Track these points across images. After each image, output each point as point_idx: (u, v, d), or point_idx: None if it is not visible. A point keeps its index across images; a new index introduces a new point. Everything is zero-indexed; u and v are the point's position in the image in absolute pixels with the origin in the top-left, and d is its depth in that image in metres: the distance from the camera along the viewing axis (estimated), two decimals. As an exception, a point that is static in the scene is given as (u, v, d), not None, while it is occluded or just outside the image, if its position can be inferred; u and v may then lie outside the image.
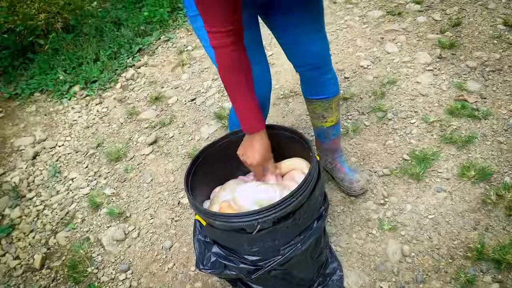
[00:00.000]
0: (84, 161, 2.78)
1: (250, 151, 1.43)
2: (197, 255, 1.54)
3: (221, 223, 1.33)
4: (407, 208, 1.88)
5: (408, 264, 1.68)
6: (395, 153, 2.15)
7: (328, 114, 1.86)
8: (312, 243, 1.48)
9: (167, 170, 2.49)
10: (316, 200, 1.44)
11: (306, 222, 1.42)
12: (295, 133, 1.56)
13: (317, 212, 1.46)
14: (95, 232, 2.26)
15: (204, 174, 1.61)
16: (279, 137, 1.61)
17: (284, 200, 1.29)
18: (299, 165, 1.55)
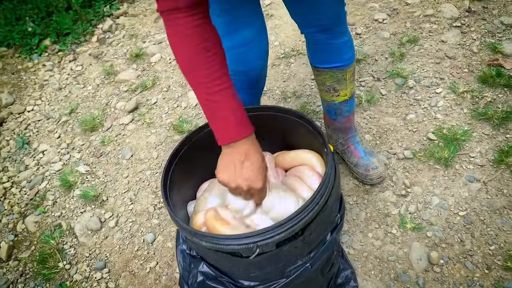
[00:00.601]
0: (56, 130, 2.43)
1: (245, 172, 0.97)
2: (180, 271, 1.25)
3: (209, 244, 1.03)
4: (433, 202, 1.58)
5: (436, 274, 1.40)
6: (418, 130, 1.82)
7: (341, 86, 1.51)
8: (324, 259, 1.19)
9: (149, 144, 2.15)
10: (331, 209, 1.12)
11: (318, 237, 1.12)
12: (304, 119, 1.22)
13: (331, 223, 1.16)
14: (67, 218, 1.95)
15: (189, 165, 1.29)
16: (282, 122, 1.27)
17: (291, 218, 0.98)
18: (307, 159, 1.22)
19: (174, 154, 1.23)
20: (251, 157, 0.96)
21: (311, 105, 2.05)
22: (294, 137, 1.31)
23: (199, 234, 1.03)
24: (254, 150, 0.98)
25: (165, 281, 1.60)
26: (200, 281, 1.19)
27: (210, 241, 1.02)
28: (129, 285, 1.63)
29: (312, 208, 1.01)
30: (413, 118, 1.87)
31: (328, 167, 1.07)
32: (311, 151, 1.23)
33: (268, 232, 0.98)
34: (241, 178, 0.96)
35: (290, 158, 1.24)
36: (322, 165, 1.20)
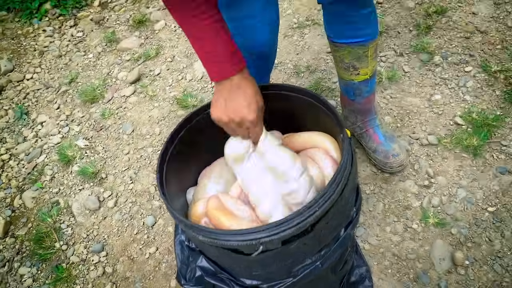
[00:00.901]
0: (55, 100, 2.30)
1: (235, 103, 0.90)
2: (178, 264, 1.13)
3: (206, 239, 0.91)
4: (459, 195, 1.44)
5: (460, 277, 1.28)
6: (443, 113, 1.66)
7: (362, 64, 1.35)
8: (336, 257, 1.07)
9: (151, 118, 2.02)
10: (347, 201, 0.99)
11: (330, 233, 1.00)
12: (319, 100, 1.07)
13: (346, 218, 1.03)
14: (65, 195, 1.85)
15: (189, 148, 1.16)
16: (294, 103, 1.12)
17: (300, 213, 0.85)
18: (320, 142, 1.08)
19: (173, 136, 1.10)
20: (241, 89, 0.89)
21: (326, 81, 1.89)
22: (306, 120, 1.17)
23: (196, 228, 0.91)
24: (246, 83, 0.90)
25: (164, 269, 1.50)
26: (198, 276, 1.08)
27: (208, 236, 0.90)
28: (127, 271, 1.54)
29: (325, 201, 0.88)
30: (438, 99, 1.70)
31: (344, 154, 0.93)
32: (325, 134, 1.09)
33: (273, 228, 0.86)
34: (231, 110, 0.90)
35: (301, 140, 1.11)
36: (337, 150, 1.06)
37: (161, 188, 0.99)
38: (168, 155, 1.09)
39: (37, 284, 1.59)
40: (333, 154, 1.04)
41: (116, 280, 1.52)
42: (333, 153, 1.04)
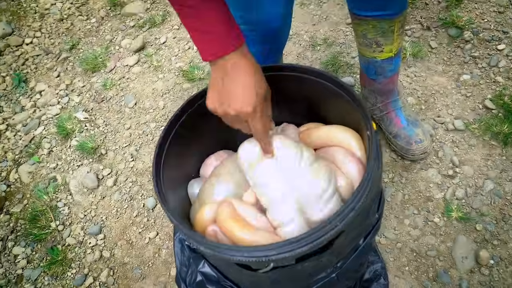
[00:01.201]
0: (55, 68, 2.18)
1: (229, 92, 0.74)
2: (177, 266, 1.03)
3: (209, 251, 0.80)
4: (487, 187, 1.31)
5: (483, 277, 1.17)
6: (472, 95, 1.51)
7: (386, 40, 1.21)
8: (354, 268, 0.96)
9: (155, 91, 1.89)
10: (369, 209, 0.87)
11: (349, 245, 0.89)
12: (342, 87, 0.93)
13: (367, 226, 0.91)
14: (63, 171, 1.76)
15: (192, 133, 1.04)
16: (311, 88, 0.99)
17: (318, 230, 0.74)
18: (344, 140, 0.95)
19: (173, 122, 0.98)
20: (237, 72, 0.72)
21: (344, 56, 1.74)
22: (325, 108, 1.04)
23: (198, 238, 0.80)
24: (244, 65, 0.73)
25: (165, 256, 1.41)
26: (199, 281, 0.98)
27: (211, 248, 0.79)
28: (125, 256, 1.45)
29: (347, 214, 0.77)
30: (467, 80, 1.55)
31: (370, 157, 0.81)
32: (348, 130, 0.95)
33: (286, 246, 0.75)
34: (225, 100, 0.74)
35: (320, 136, 0.97)
36: (362, 148, 0.93)
37: (156, 187, 0.88)
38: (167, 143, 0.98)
39: (31, 266, 1.52)
40: (357, 154, 0.91)
41: (114, 266, 1.44)
42: (357, 152, 0.91)
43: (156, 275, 1.37)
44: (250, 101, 0.73)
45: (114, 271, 1.43)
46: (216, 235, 0.93)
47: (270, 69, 1.00)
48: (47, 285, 1.48)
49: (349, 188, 0.88)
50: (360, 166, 0.91)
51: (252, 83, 0.73)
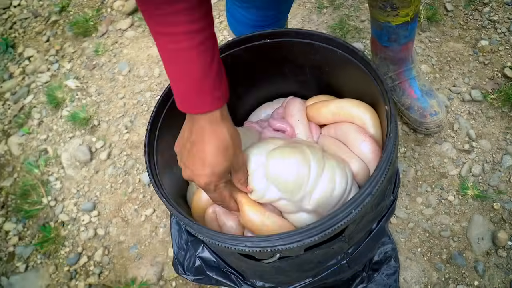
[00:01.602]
0: (44, 32, 2.05)
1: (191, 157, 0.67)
2: (174, 249, 0.96)
3: (208, 240, 0.73)
4: (505, 162, 1.22)
5: (501, 260, 1.10)
6: (491, 63, 1.40)
7: (403, 3, 1.10)
8: (366, 253, 0.89)
9: (150, 57, 1.78)
10: (384, 193, 0.79)
11: (362, 230, 0.81)
12: (356, 55, 0.83)
13: (381, 209, 0.83)
14: (54, 143, 1.67)
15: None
16: (320, 56, 0.89)
17: (332, 217, 0.66)
18: (357, 116, 0.85)
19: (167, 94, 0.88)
20: (200, 143, 0.65)
21: (353, 19, 1.61)
22: (336, 79, 0.94)
23: (196, 226, 0.72)
24: (209, 135, 0.64)
25: (162, 235, 1.34)
26: (198, 267, 0.91)
27: (210, 237, 0.71)
28: (120, 235, 1.38)
29: (363, 201, 0.69)
30: (485, 46, 1.44)
31: (389, 138, 0.72)
32: (362, 104, 0.86)
33: (295, 236, 0.67)
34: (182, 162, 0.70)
35: (330, 111, 0.87)
36: (377, 125, 0.84)
37: (149, 168, 0.79)
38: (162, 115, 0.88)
39: (23, 243, 1.45)
40: (370, 131, 0.82)
41: (109, 244, 1.37)
42: (371, 129, 0.82)
43: (153, 254, 1.31)
44: (203, 175, 0.66)
45: (109, 250, 1.36)
46: (217, 217, 0.85)
47: (273, 35, 0.89)
48: (39, 263, 1.42)
49: (363, 172, 0.79)
50: (374, 145, 0.82)
51: (211, 157, 0.65)
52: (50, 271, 1.40)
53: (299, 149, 0.72)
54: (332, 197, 0.73)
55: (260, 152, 0.74)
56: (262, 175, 0.72)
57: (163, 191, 0.79)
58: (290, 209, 0.75)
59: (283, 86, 1.04)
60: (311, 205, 0.73)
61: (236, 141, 0.67)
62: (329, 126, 0.90)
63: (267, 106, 1.05)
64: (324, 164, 0.72)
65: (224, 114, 0.65)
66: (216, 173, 0.66)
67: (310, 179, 0.71)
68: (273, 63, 0.95)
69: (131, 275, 1.30)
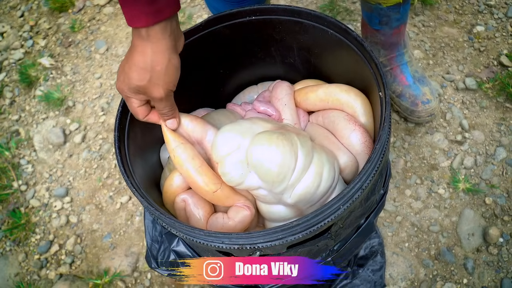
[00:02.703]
0: (19, 7, 1.94)
1: (123, 62, 0.67)
2: (148, 241, 0.90)
3: (182, 235, 0.67)
4: (499, 155, 1.18)
5: (491, 257, 1.06)
6: (486, 50, 1.34)
7: (395, -17, 1.02)
8: (352, 251, 0.84)
9: (129, 35, 1.68)
10: (374, 187, 0.73)
11: (350, 226, 0.75)
12: (348, 35, 0.76)
13: (371, 204, 0.77)
14: (26, 124, 1.57)
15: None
16: (309, 36, 0.82)
17: (316, 215, 0.61)
18: (346, 103, 0.79)
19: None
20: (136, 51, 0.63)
21: (344, 0, 1.54)
22: (326, 61, 0.87)
23: (168, 220, 0.65)
24: (133, 47, 0.64)
25: (138, 224, 1.27)
26: (172, 261, 0.85)
27: (185, 232, 0.65)
28: (94, 223, 1.31)
29: (351, 197, 0.63)
30: (481, 32, 1.38)
31: (382, 127, 0.66)
32: (352, 89, 0.79)
33: (276, 234, 0.61)
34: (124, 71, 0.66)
35: (318, 97, 0.81)
36: (368, 112, 0.78)
37: (119, 155, 0.72)
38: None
39: (-9, 229, 1.37)
40: (361, 119, 0.76)
41: (81, 233, 1.30)
42: (362, 118, 0.76)
43: (128, 244, 1.24)
44: (118, 80, 0.67)
45: (81, 239, 1.29)
46: (186, 206, 0.79)
47: (259, 11, 0.82)
48: (8, 250, 1.35)
49: (351, 167, 0.73)
50: (365, 135, 0.76)
51: (127, 68, 0.65)
52: (19, 259, 1.33)
53: (287, 136, 0.65)
54: (316, 193, 0.67)
55: (242, 133, 0.66)
56: (238, 160, 0.65)
57: (134, 180, 0.72)
58: (268, 200, 0.69)
59: (269, 68, 0.97)
60: (292, 199, 0.66)
61: (156, 69, 0.63)
62: (317, 113, 0.83)
63: (251, 89, 0.98)
64: (313, 156, 0.66)
65: (152, 35, 0.61)
66: (126, 84, 0.66)
67: (295, 172, 0.64)
68: (259, 43, 0.88)
69: (104, 265, 1.23)
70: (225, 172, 0.67)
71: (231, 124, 0.69)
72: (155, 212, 0.66)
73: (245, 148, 0.65)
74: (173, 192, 0.78)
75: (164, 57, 0.63)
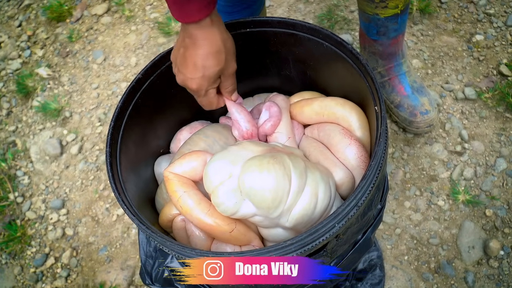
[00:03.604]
0: (17, 16, 1.93)
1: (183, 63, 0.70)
2: (142, 257, 0.88)
3: (175, 254, 0.65)
4: (499, 166, 1.16)
5: (492, 270, 1.04)
6: (486, 59, 1.33)
7: (392, -6, 1.01)
8: (349, 266, 0.82)
9: (127, 45, 1.68)
10: (372, 202, 0.72)
11: (346, 243, 0.73)
12: (343, 48, 0.75)
13: (368, 219, 0.76)
14: (23, 135, 1.57)
15: (160, 101, 0.87)
16: (305, 48, 0.81)
17: (310, 233, 0.59)
18: (342, 117, 0.78)
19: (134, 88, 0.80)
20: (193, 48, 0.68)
21: (342, 9, 1.53)
22: (322, 74, 0.86)
23: (160, 239, 0.64)
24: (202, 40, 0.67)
25: (134, 236, 1.26)
26: (167, 277, 0.84)
27: (176, 250, 0.64)
28: (90, 235, 1.29)
29: (346, 215, 0.61)
30: (480, 41, 1.37)
31: (377, 142, 0.64)
32: (347, 103, 0.78)
33: (270, 253, 0.60)
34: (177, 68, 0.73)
35: (313, 111, 0.79)
36: (364, 126, 0.76)
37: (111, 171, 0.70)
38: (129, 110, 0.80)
39: (-15, 242, 1.36)
40: (356, 133, 0.74)
41: (77, 245, 1.28)
42: (357, 131, 0.75)
43: (124, 257, 1.23)
44: (195, 78, 0.70)
45: (77, 252, 1.28)
46: (186, 225, 0.77)
47: (254, 23, 0.81)
48: (4, 263, 1.33)
49: (348, 183, 0.72)
50: (361, 149, 0.75)
51: (203, 59, 0.68)
52: (15, 272, 1.32)
53: (279, 159, 0.63)
54: (314, 214, 0.65)
55: (232, 160, 0.65)
56: (230, 189, 0.64)
57: (126, 197, 0.71)
58: (266, 225, 0.67)
59: (265, 80, 0.96)
60: (290, 222, 0.65)
61: (227, 46, 0.69)
62: (313, 127, 0.82)
63: (247, 101, 0.96)
64: (307, 177, 0.64)
65: (214, 19, 0.66)
66: (207, 76, 0.69)
67: (290, 195, 0.63)
68: (254, 55, 0.87)
69: (100, 279, 1.22)
70: (218, 202, 0.65)
71: (220, 153, 0.68)
72: (147, 230, 0.65)
73: (236, 176, 0.63)
74: (171, 218, 0.77)
75: (227, 33, 0.69)
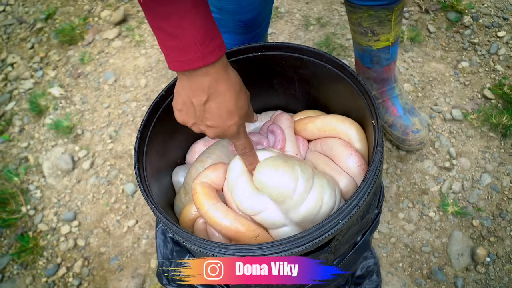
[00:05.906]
0: (29, 39, 2.03)
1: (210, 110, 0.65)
2: (159, 259, 0.96)
3: (195, 248, 0.73)
4: (484, 180, 1.26)
5: (479, 276, 1.12)
6: (471, 84, 1.45)
7: (383, 29, 1.13)
8: (349, 267, 0.90)
9: (137, 68, 1.78)
10: (369, 205, 0.81)
11: (346, 243, 0.82)
12: (344, 71, 0.85)
13: (366, 222, 0.85)
14: (35, 151, 1.64)
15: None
16: (309, 70, 0.91)
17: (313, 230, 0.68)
18: (342, 132, 0.87)
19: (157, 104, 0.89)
20: (217, 96, 0.63)
21: (339, 37, 1.65)
22: (325, 93, 0.96)
23: (184, 234, 0.72)
24: (224, 84, 0.63)
25: (144, 246, 1.33)
26: (183, 277, 0.91)
27: (199, 245, 0.72)
28: (101, 246, 1.36)
29: (349, 212, 0.70)
30: (466, 67, 1.49)
31: (375, 150, 0.74)
32: (346, 119, 0.88)
33: (282, 245, 0.68)
34: (204, 125, 0.67)
35: (316, 127, 0.89)
36: (362, 139, 0.86)
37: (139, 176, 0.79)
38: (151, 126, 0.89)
39: (-1, 252, 1.42)
40: (356, 145, 0.84)
41: (89, 255, 1.35)
42: (357, 144, 0.84)
43: (135, 266, 1.29)
44: (235, 121, 0.66)
45: (89, 261, 1.34)
46: (206, 228, 0.85)
47: (264, 48, 0.91)
48: (16, 274, 1.38)
49: (352, 189, 0.81)
50: (360, 159, 0.84)
51: (234, 103, 0.64)
52: (27, 282, 1.37)
53: (290, 162, 0.73)
54: (319, 214, 0.74)
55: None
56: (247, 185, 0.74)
57: (152, 198, 0.79)
58: (277, 223, 0.76)
59: (271, 99, 1.05)
60: (298, 217, 0.74)
61: (241, 80, 0.68)
62: (316, 141, 0.92)
63: (254, 118, 1.06)
64: (313, 182, 0.73)
65: (225, 59, 0.63)
66: (243, 116, 0.68)
67: (296, 193, 0.72)
68: (263, 76, 0.97)
69: (111, 287, 1.28)
70: (240, 200, 0.75)
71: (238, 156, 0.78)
72: (173, 226, 0.73)
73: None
74: (192, 218, 0.85)
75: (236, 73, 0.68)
